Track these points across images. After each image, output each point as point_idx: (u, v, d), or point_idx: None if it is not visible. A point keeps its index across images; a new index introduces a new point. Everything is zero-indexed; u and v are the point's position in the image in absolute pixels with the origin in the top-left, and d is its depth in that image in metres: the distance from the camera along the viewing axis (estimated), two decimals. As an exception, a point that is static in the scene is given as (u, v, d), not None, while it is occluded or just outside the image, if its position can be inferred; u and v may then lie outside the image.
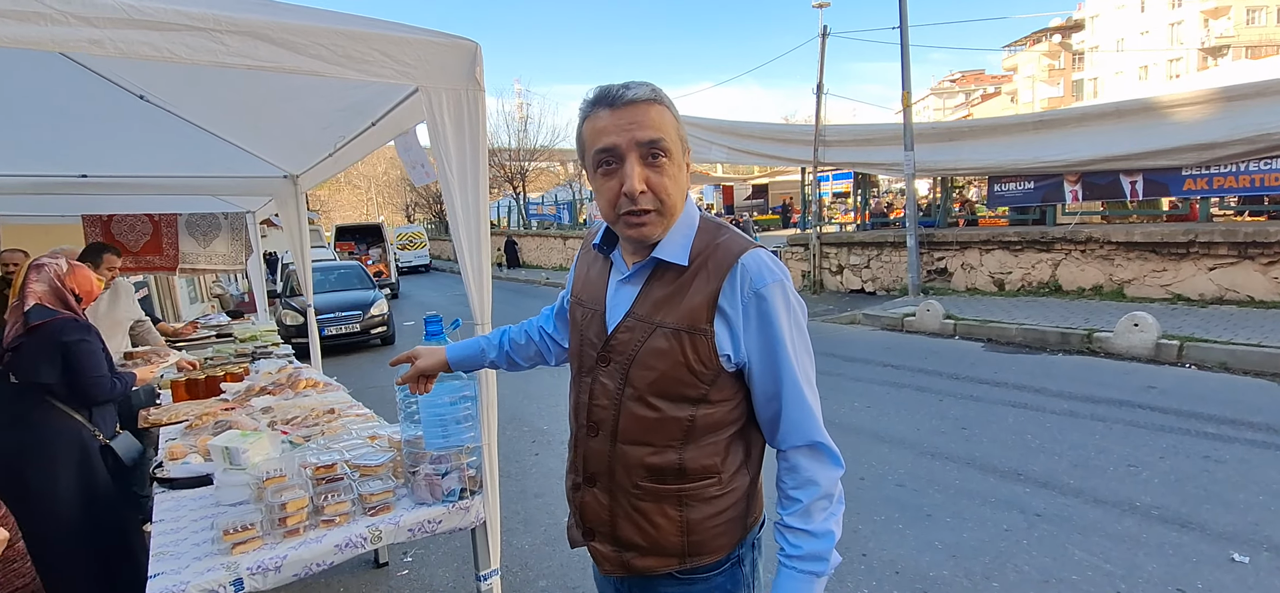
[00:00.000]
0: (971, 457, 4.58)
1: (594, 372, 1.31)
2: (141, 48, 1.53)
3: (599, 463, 1.30)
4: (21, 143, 3.74)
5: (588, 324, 1.34)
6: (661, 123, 1.17)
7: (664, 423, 1.22)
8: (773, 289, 1.18)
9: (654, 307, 1.23)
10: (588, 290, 1.38)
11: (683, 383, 1.20)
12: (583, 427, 1.34)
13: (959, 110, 60.69)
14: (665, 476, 1.24)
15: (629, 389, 1.24)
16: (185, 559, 1.84)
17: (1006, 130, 11.25)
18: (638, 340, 1.23)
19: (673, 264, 1.22)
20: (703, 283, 1.19)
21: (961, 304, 9.90)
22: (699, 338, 1.18)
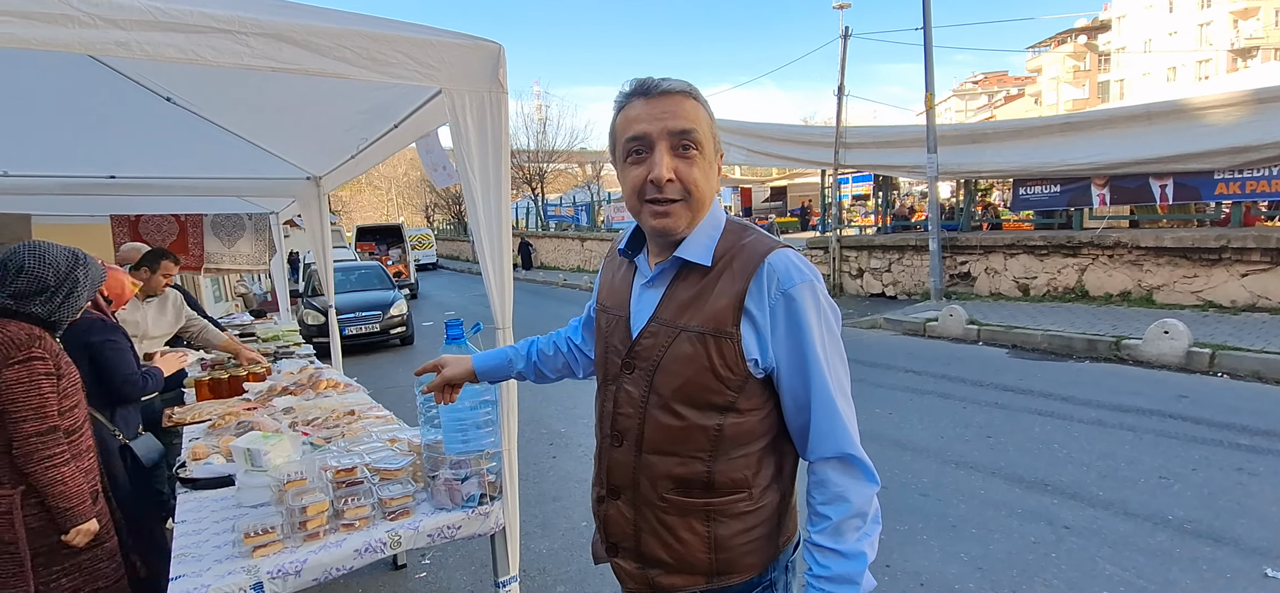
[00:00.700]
0: (997, 466, 4.49)
1: (618, 379, 1.27)
2: (167, 50, 1.53)
3: (624, 474, 1.27)
4: (51, 144, 3.80)
5: (612, 331, 1.31)
6: (695, 116, 1.16)
7: (690, 432, 1.18)
8: (802, 289, 1.13)
9: (678, 310, 1.19)
10: (612, 296, 1.35)
11: (709, 389, 1.16)
12: (607, 437, 1.30)
13: (981, 112, 59.92)
14: (692, 488, 1.20)
15: (654, 397, 1.20)
16: (206, 562, 1.83)
17: (1032, 133, 11.06)
18: (662, 345, 1.20)
19: (697, 266, 1.19)
20: (728, 284, 1.15)
21: (985, 309, 9.74)
22: (724, 341, 1.14)
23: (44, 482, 2.05)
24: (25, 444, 2.02)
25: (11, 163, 3.96)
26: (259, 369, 4.32)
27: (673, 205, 1.16)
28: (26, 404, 2.03)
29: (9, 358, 2.01)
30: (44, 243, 2.22)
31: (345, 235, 25.00)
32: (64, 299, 2.20)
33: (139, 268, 4.18)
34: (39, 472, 2.04)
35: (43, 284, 2.14)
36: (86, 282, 2.28)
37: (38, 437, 2.04)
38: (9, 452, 2.03)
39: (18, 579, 2.05)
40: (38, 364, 2.06)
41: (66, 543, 2.10)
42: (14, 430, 2.01)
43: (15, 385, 2.01)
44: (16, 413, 2.01)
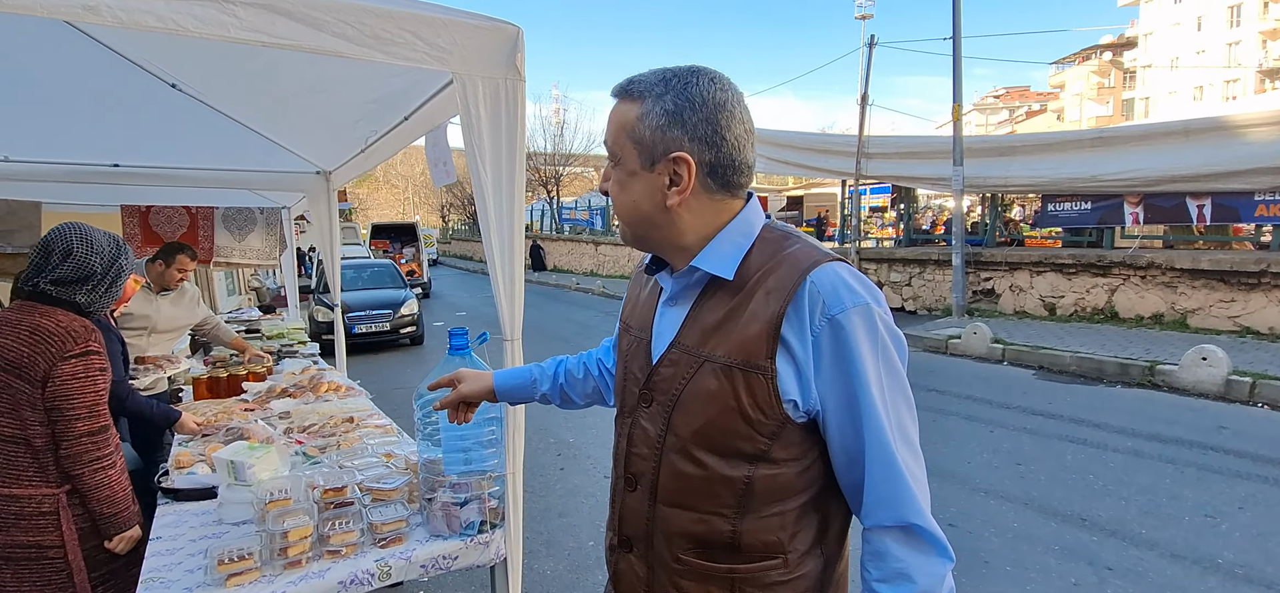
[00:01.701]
0: (1030, 497, 4.24)
1: (635, 412, 1.09)
2: (144, 18, 1.36)
3: (636, 525, 1.08)
4: (53, 130, 3.68)
5: (633, 355, 1.13)
6: (615, 123, 1.03)
7: (712, 484, 0.98)
8: (853, 315, 0.92)
9: (703, 335, 1.00)
10: (636, 315, 1.16)
11: (736, 434, 0.96)
12: (621, 478, 1.12)
13: (1002, 126, 59.20)
14: (714, 550, 1.00)
15: (671, 437, 1.01)
16: (175, 589, 1.66)
17: (1061, 147, 10.75)
18: (683, 377, 1.01)
19: (725, 282, 1.00)
20: (762, 306, 0.95)
21: (1010, 328, 9.45)
22: (755, 377, 0.94)
23: (92, 484, 1.92)
24: (76, 444, 1.89)
25: (12, 148, 3.84)
26: (260, 369, 4.18)
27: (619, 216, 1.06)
28: (82, 401, 1.90)
29: (65, 351, 1.87)
30: (88, 227, 2.07)
31: (360, 233, 25.02)
32: (108, 289, 2.07)
33: (154, 261, 4.07)
34: (87, 474, 1.91)
35: (90, 271, 2.00)
36: (127, 271, 2.15)
37: (89, 436, 1.91)
38: (53, 449, 1.90)
39: (63, 589, 1.91)
40: (94, 358, 1.93)
41: (107, 551, 1.97)
42: (66, 429, 1.88)
43: (72, 380, 1.88)
44: (71, 410, 1.88)
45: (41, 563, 1.90)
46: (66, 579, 1.93)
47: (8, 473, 1.88)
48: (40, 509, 1.89)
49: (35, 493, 1.89)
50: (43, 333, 1.88)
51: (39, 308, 1.93)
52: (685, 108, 0.97)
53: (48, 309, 1.94)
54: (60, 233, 2.00)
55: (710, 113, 0.97)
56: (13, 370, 1.86)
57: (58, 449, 1.90)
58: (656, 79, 1.00)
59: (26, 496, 1.88)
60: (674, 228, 1.02)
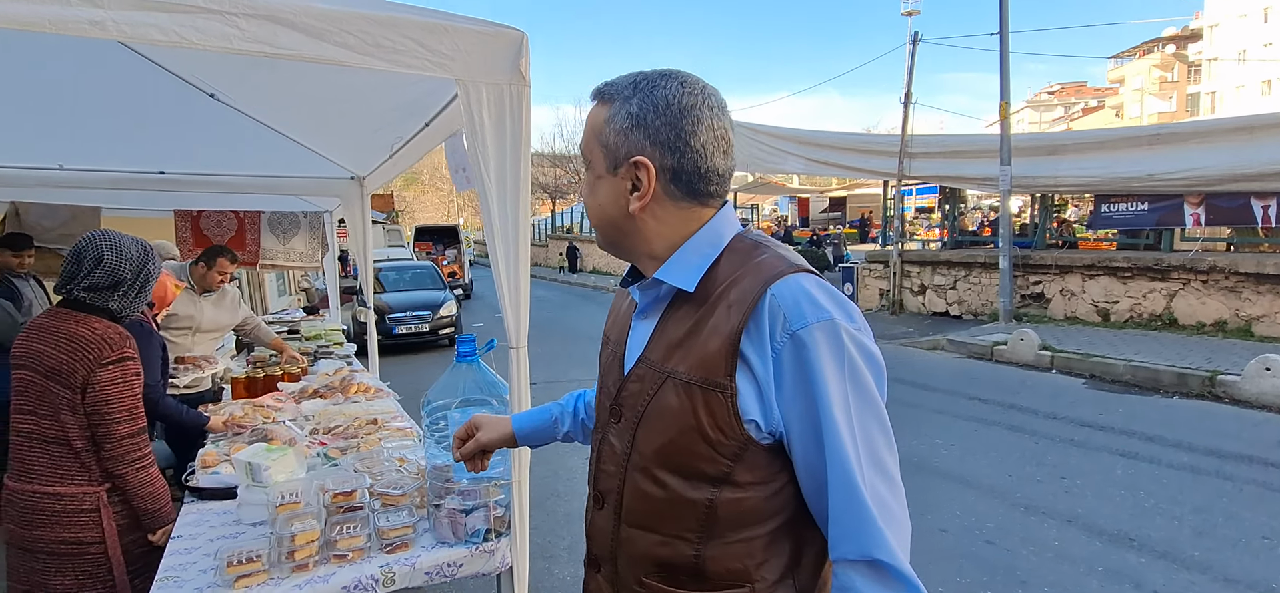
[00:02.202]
0: (1074, 513, 4.04)
1: (605, 428, 1.06)
2: (148, 31, 1.39)
3: (603, 544, 1.05)
4: (102, 139, 3.84)
5: (608, 369, 1.10)
6: (586, 127, 1.01)
7: (675, 505, 0.94)
8: (816, 331, 0.85)
9: (667, 350, 0.96)
10: (615, 327, 1.13)
11: (696, 455, 0.91)
12: (590, 494, 1.09)
13: (1057, 124, 57.01)
14: (679, 575, 0.96)
15: (635, 455, 0.98)
16: (187, 588, 1.69)
17: (1116, 145, 10.28)
18: (647, 393, 0.96)
19: (689, 296, 0.96)
20: (722, 319, 0.90)
21: (1059, 334, 9.07)
22: (715, 396, 0.89)
23: (134, 483, 2.00)
24: (118, 446, 1.97)
25: (66, 157, 4.03)
26: (295, 369, 4.29)
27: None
28: (121, 405, 1.97)
29: (102, 357, 1.95)
30: (116, 233, 2.14)
31: (404, 235, 25.60)
32: (137, 294, 2.13)
33: (196, 264, 4.22)
34: (130, 473, 1.99)
35: (119, 278, 2.06)
36: (155, 276, 2.21)
37: (130, 438, 1.99)
38: (95, 451, 1.98)
39: (102, 583, 1.99)
40: (129, 364, 2.01)
41: (143, 546, 2.05)
42: (107, 432, 1.96)
43: (110, 386, 1.95)
44: (111, 414, 1.96)
45: (82, 558, 1.97)
46: (106, 573, 2.00)
47: (52, 473, 1.96)
48: (82, 507, 1.96)
49: (78, 491, 1.96)
50: (80, 341, 1.94)
51: (75, 316, 2.00)
52: (649, 112, 0.94)
53: (83, 317, 2.00)
54: (90, 241, 2.07)
55: (674, 117, 0.93)
56: (53, 377, 1.93)
57: (100, 451, 1.97)
58: (627, 82, 0.98)
59: (70, 494, 1.96)
60: (640, 235, 0.99)
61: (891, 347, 9.58)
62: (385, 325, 10.62)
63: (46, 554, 1.96)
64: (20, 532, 1.98)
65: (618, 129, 0.96)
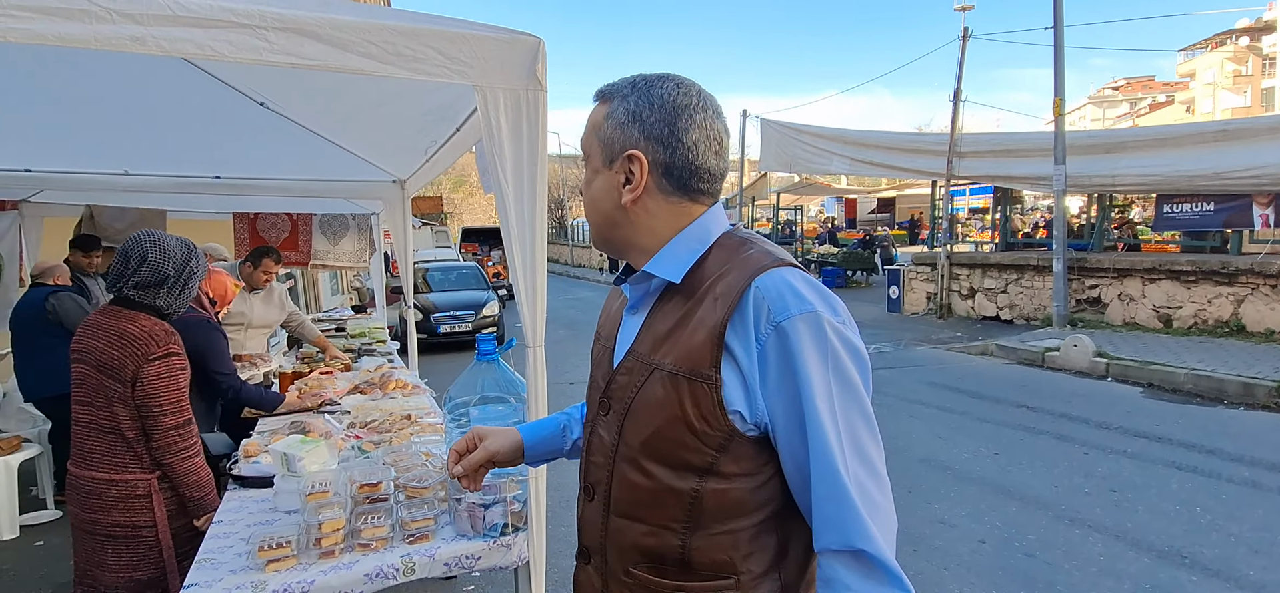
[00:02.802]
0: (1123, 528, 3.88)
1: (594, 421, 1.09)
2: (185, 46, 1.48)
3: (593, 535, 1.07)
4: (164, 146, 4.06)
5: (598, 362, 1.13)
6: (587, 124, 1.06)
7: (661, 496, 0.96)
8: (799, 323, 0.87)
9: (655, 342, 0.99)
10: (607, 324, 1.16)
11: (682, 445, 0.93)
12: (581, 486, 1.12)
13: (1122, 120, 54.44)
14: (665, 565, 0.97)
15: (623, 446, 1.00)
16: (222, 570, 1.79)
17: (1179, 142, 9.78)
18: (635, 384, 0.99)
19: (677, 290, 0.99)
20: (708, 312, 0.93)
21: (1117, 341, 8.69)
22: (700, 387, 0.91)
23: (180, 472, 2.11)
24: (165, 437, 2.08)
25: (131, 163, 4.27)
26: (339, 364, 4.46)
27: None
28: (167, 398, 2.08)
29: (149, 353, 2.06)
30: (160, 233, 2.25)
31: (450, 237, 26.16)
32: (181, 290, 2.23)
33: (244, 263, 4.44)
34: (176, 463, 2.10)
35: (163, 275, 2.16)
36: (198, 274, 2.31)
37: (175, 430, 2.10)
38: (145, 441, 2.09)
39: (154, 564, 2.11)
40: (175, 359, 2.12)
41: (189, 530, 2.16)
42: (154, 423, 2.07)
43: (156, 380, 2.06)
44: (157, 407, 2.06)
45: (136, 541, 2.10)
46: (157, 555, 2.12)
47: (107, 460, 2.08)
48: (135, 493, 2.09)
49: (131, 478, 2.09)
50: (129, 337, 2.07)
51: (125, 313, 2.12)
52: (644, 108, 0.98)
53: (132, 314, 2.12)
54: (136, 240, 2.18)
55: (668, 113, 0.98)
56: (105, 371, 2.06)
57: (149, 441, 2.09)
58: (628, 82, 1.03)
59: (124, 480, 2.08)
60: (632, 228, 1.03)
61: (937, 351, 9.34)
62: (430, 324, 10.89)
63: (104, 536, 2.09)
64: (82, 514, 2.11)
65: (614, 124, 1.00)
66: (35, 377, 4.30)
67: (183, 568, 2.12)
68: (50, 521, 4.36)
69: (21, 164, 3.96)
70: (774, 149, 15.63)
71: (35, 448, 4.48)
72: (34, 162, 3.99)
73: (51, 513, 4.44)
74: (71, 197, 5.34)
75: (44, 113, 3.35)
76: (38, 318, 4.25)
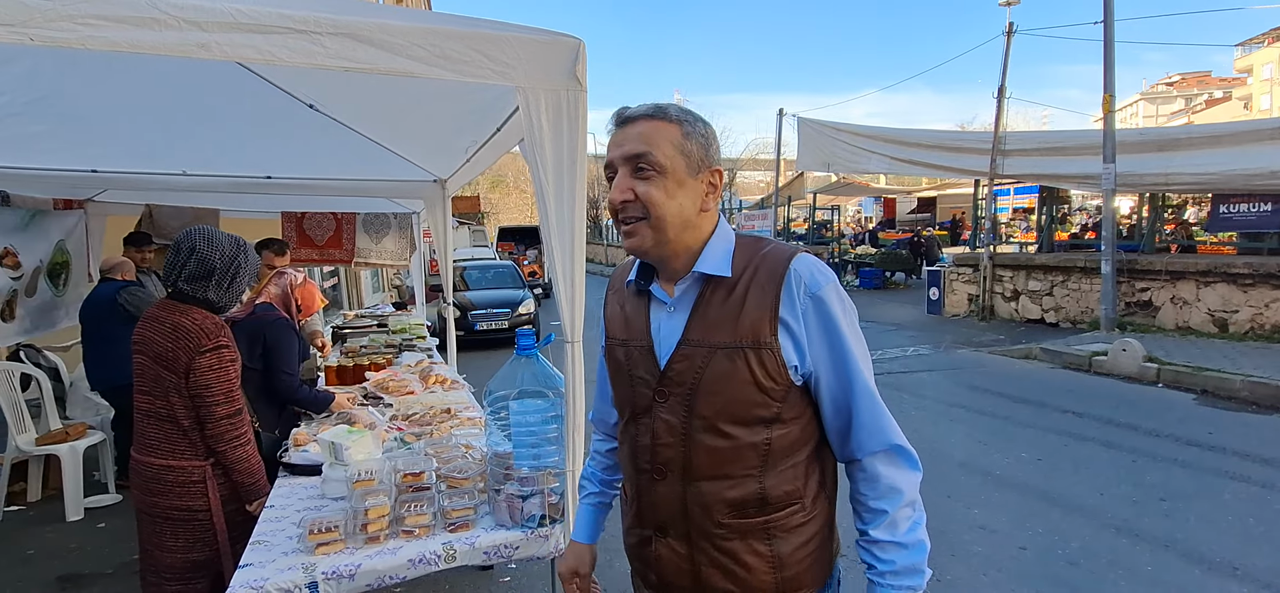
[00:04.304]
0: (1172, 538, 3.76)
1: (651, 411, 1.22)
2: (245, 51, 1.56)
3: (671, 509, 1.22)
4: (219, 147, 4.23)
5: (634, 364, 1.26)
6: (654, 139, 1.17)
7: (740, 451, 1.16)
8: (828, 291, 1.16)
9: (708, 328, 1.17)
10: (627, 329, 1.29)
11: (754, 404, 1.15)
12: (645, 472, 1.24)
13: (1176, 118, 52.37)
14: (747, 508, 1.17)
15: (697, 421, 1.17)
16: (275, 552, 1.88)
17: (1235, 139, 9.37)
18: (697, 367, 1.17)
19: (720, 283, 1.18)
20: (758, 295, 1.15)
21: (1168, 346, 8.38)
22: (765, 353, 1.14)
23: (232, 459, 2.20)
24: (217, 426, 2.17)
25: (188, 163, 4.46)
26: (381, 359, 4.59)
27: (635, 224, 1.18)
28: (218, 389, 2.17)
29: (201, 346, 2.14)
30: (211, 228, 2.32)
31: (488, 236, 26.54)
32: (230, 284, 2.29)
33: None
34: (228, 451, 2.19)
35: (211, 268, 2.22)
36: (247, 268, 2.37)
37: (227, 419, 2.19)
38: (199, 429, 2.18)
39: (209, 546, 2.21)
40: (225, 351, 2.20)
41: (242, 514, 2.26)
42: (207, 413, 2.16)
43: (208, 371, 2.15)
44: (210, 397, 2.15)
45: (192, 524, 2.20)
46: (211, 537, 2.22)
47: (164, 447, 2.18)
48: (191, 478, 2.18)
49: (188, 465, 2.18)
50: (182, 330, 2.15)
51: (179, 307, 2.21)
52: (710, 136, 1.22)
53: (186, 308, 2.21)
54: (187, 234, 2.26)
55: (717, 142, 1.24)
56: (161, 362, 2.15)
57: (203, 430, 2.18)
58: (678, 110, 1.21)
59: (181, 466, 2.18)
60: (697, 232, 1.20)
61: (978, 354, 9.14)
62: (468, 322, 11.08)
63: (164, 519, 2.19)
64: (144, 498, 2.21)
65: (697, 144, 1.19)
66: (102, 366, 4.52)
67: (235, 550, 2.20)
68: (112, 504, 4.58)
69: (88, 165, 4.17)
70: (811, 148, 15.47)
71: (98, 435, 4.71)
72: (99, 162, 4.19)
73: (113, 497, 4.66)
74: (133, 196, 5.60)
75: (109, 116, 3.53)
76: (108, 310, 4.47)
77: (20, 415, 4.45)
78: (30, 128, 3.46)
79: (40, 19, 1.41)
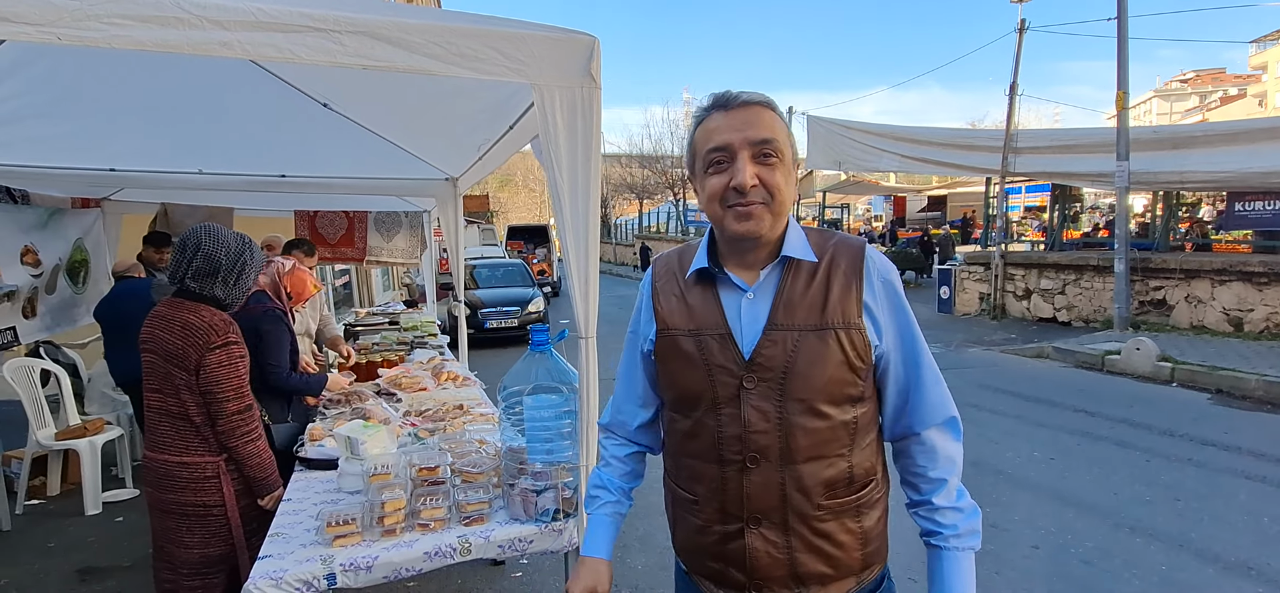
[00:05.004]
0: (1186, 537, 3.73)
1: (739, 399, 1.19)
2: (266, 49, 1.58)
3: (768, 497, 1.20)
4: (234, 146, 4.27)
5: (711, 352, 1.22)
6: (774, 126, 1.19)
7: (835, 431, 1.19)
8: (895, 277, 1.25)
9: (798, 312, 1.20)
10: (697, 318, 1.25)
11: (846, 383, 1.18)
12: (733, 462, 1.20)
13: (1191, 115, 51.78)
14: (838, 487, 1.21)
15: (794, 403, 1.18)
16: (293, 544, 1.90)
17: (1251, 136, 9.28)
18: (788, 351, 1.18)
19: (803, 268, 1.21)
20: (843, 279, 1.20)
21: (1183, 345, 8.31)
22: (854, 334, 1.18)
23: (245, 454, 2.22)
24: (229, 422, 2.19)
25: (204, 162, 4.50)
26: (394, 356, 4.62)
27: (755, 207, 1.17)
28: (228, 385, 2.19)
29: (210, 343, 2.16)
30: (216, 225, 2.34)
31: (497, 235, 26.62)
32: (236, 280, 2.31)
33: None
34: (240, 446, 2.21)
35: (216, 264, 2.24)
36: (253, 265, 2.39)
37: (238, 415, 2.21)
38: (212, 426, 2.20)
39: (224, 541, 2.23)
40: (234, 347, 2.22)
41: (256, 509, 2.28)
42: (218, 409, 2.18)
43: (218, 368, 2.16)
44: (221, 393, 2.17)
45: (207, 519, 2.22)
46: (227, 533, 2.24)
47: (178, 444, 2.19)
48: (205, 474, 2.20)
49: (201, 461, 2.20)
50: (191, 328, 2.16)
51: (187, 305, 2.21)
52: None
53: (194, 305, 2.21)
54: (192, 232, 2.27)
55: None
56: (171, 360, 2.16)
57: (214, 425, 2.19)
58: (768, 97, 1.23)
59: (195, 462, 2.19)
60: (785, 218, 1.23)
61: (989, 353, 9.09)
62: (478, 320, 11.13)
63: (179, 515, 2.20)
64: (157, 495, 2.23)
65: (789, 133, 1.22)
66: (126, 360, 4.52)
67: (250, 544, 2.22)
68: (129, 498, 4.64)
69: (105, 164, 4.22)
70: (821, 147, 15.41)
71: (116, 430, 4.77)
72: (117, 161, 4.24)
73: (130, 491, 4.72)
74: (150, 195, 5.66)
75: (126, 116, 3.57)
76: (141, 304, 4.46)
77: (40, 411, 4.52)
78: (49, 128, 3.52)
79: (68, 19, 1.44)
